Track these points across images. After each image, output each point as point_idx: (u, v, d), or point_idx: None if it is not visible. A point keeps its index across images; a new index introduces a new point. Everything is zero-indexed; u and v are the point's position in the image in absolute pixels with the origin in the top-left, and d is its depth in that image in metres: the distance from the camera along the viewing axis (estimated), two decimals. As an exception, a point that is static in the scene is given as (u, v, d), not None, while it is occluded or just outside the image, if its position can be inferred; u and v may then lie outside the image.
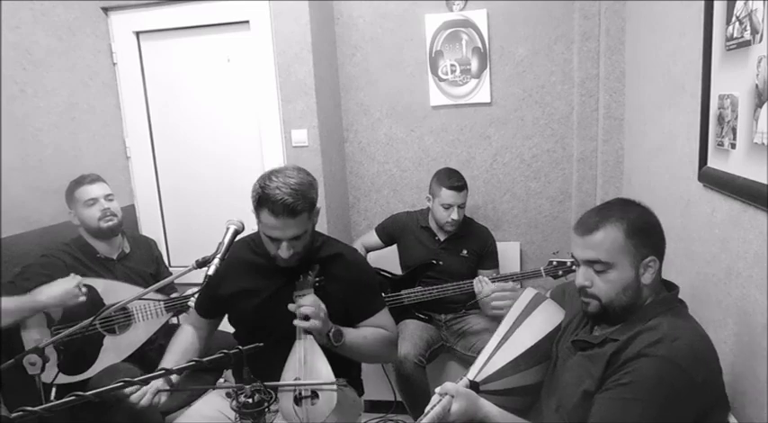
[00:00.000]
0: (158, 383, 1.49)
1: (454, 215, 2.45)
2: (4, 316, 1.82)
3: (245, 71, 2.75)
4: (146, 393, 1.48)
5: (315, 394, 1.49)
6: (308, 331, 1.53)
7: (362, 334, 1.66)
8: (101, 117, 2.80)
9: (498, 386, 1.38)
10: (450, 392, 1.23)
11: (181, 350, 1.73)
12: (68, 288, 1.90)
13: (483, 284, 2.21)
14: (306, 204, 1.52)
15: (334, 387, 1.48)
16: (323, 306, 1.54)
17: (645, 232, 1.22)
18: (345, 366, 1.77)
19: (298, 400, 1.48)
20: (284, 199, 1.48)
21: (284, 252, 1.54)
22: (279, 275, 1.65)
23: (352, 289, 1.68)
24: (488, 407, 1.28)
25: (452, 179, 2.45)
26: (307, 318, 1.51)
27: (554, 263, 2.36)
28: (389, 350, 1.75)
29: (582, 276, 1.26)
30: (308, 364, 1.52)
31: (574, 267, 2.32)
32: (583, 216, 1.29)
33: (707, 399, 1.12)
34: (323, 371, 1.51)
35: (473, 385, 1.36)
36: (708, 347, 1.16)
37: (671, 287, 1.28)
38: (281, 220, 1.50)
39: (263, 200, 1.51)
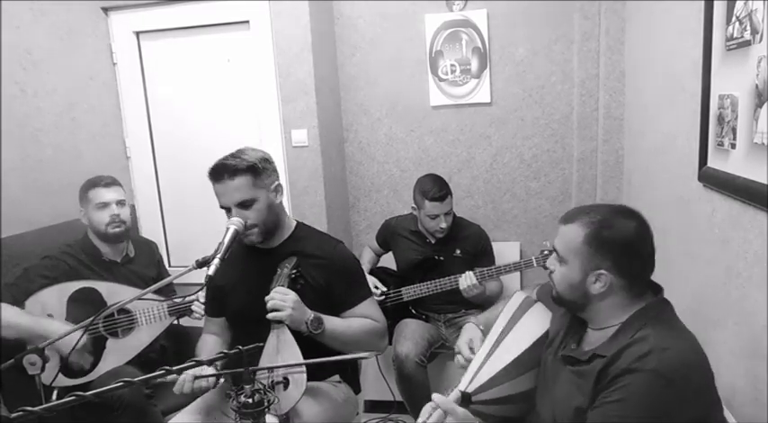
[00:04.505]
0: (195, 371, 1.50)
1: (443, 224, 2.43)
2: (13, 331, 1.81)
3: (245, 71, 2.75)
4: (185, 382, 1.51)
5: (286, 381, 1.53)
6: (279, 321, 1.56)
7: (346, 323, 1.68)
8: (101, 117, 2.80)
9: (491, 395, 1.35)
10: (442, 407, 1.21)
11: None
12: (78, 347, 1.80)
13: (467, 279, 2.31)
14: (245, 166, 1.58)
15: (304, 374, 1.52)
16: (291, 296, 1.56)
17: (608, 246, 1.17)
18: (339, 363, 1.78)
19: (270, 387, 1.52)
20: (223, 163, 1.58)
21: (235, 220, 1.57)
22: (261, 267, 1.68)
23: (335, 279, 1.70)
24: None
25: (434, 190, 2.39)
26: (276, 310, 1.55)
27: (545, 252, 2.35)
28: (376, 340, 1.75)
29: (550, 259, 1.31)
30: (280, 353, 1.56)
31: None
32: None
33: (700, 407, 1.10)
34: (294, 359, 1.54)
35: (465, 396, 1.33)
36: (698, 354, 1.13)
37: (656, 289, 1.24)
38: (222, 184, 1.59)
39: (209, 172, 1.61)
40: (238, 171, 1.58)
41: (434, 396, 1.24)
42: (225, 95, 2.81)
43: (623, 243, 1.18)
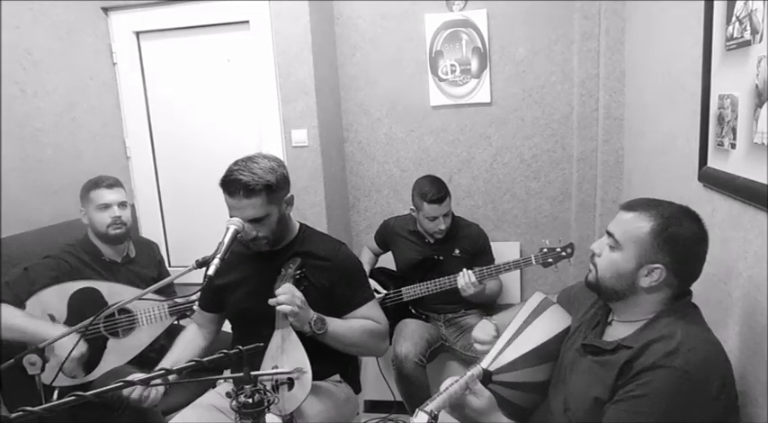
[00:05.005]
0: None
1: (441, 225, 2.43)
2: (15, 334, 1.81)
3: (245, 71, 2.75)
4: (135, 388, 1.55)
5: (291, 381, 1.53)
6: (286, 318, 1.56)
7: (348, 324, 1.68)
8: (101, 117, 2.80)
9: (509, 378, 1.39)
10: (470, 385, 1.25)
11: (183, 346, 1.79)
12: (74, 355, 1.82)
13: (465, 277, 2.28)
14: (261, 185, 1.56)
15: (309, 374, 1.52)
16: (298, 294, 1.56)
17: (673, 242, 1.16)
18: (340, 363, 1.79)
19: (275, 388, 1.52)
20: (239, 179, 1.55)
21: (246, 233, 1.58)
22: (265, 268, 1.68)
23: (338, 280, 1.71)
24: (502, 418, 1.29)
25: (432, 192, 2.39)
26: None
27: (545, 250, 2.34)
28: (377, 342, 1.76)
29: (597, 243, 1.29)
30: (285, 351, 1.56)
31: (564, 254, 2.32)
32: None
33: (721, 409, 1.10)
34: (298, 358, 1.54)
35: (486, 373, 1.37)
36: (722, 357, 1.13)
37: (686, 291, 1.25)
38: (236, 199, 1.57)
39: (222, 182, 1.59)
40: (255, 191, 1.56)
41: (467, 374, 1.29)
42: (225, 95, 2.82)
43: (687, 243, 1.18)
